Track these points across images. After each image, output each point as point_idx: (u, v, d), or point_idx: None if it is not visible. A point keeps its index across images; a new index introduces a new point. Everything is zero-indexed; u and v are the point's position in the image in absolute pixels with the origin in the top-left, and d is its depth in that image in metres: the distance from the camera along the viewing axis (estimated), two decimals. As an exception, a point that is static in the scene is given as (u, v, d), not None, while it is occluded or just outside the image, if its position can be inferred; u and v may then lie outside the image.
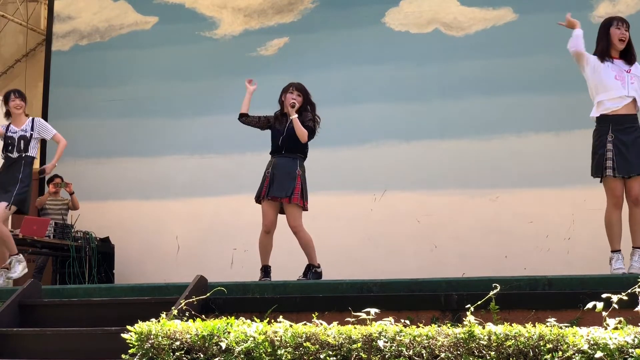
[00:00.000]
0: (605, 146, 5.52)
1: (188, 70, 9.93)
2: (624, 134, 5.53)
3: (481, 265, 7.82)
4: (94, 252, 9.20)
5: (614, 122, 5.56)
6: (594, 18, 8.64)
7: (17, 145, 6.99)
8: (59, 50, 10.64)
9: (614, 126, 5.54)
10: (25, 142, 7.00)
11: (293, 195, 6.31)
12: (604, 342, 3.26)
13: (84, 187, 9.69)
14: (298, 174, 6.39)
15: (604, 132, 5.56)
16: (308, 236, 6.38)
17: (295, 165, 6.42)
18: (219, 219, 9.35)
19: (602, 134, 5.57)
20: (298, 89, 6.54)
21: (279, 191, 6.34)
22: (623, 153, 5.49)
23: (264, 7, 9.91)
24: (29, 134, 7.03)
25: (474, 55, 8.97)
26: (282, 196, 6.34)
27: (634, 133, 5.56)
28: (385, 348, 3.52)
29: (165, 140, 9.83)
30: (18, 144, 6.99)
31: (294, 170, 6.39)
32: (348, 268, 7.92)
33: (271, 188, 6.37)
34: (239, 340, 3.71)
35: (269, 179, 6.41)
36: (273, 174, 6.41)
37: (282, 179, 6.37)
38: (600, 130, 5.60)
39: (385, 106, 9.13)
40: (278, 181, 6.37)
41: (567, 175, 8.27)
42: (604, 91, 5.62)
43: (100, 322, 5.00)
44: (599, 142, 5.59)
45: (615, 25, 5.76)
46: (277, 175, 6.40)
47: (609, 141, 5.52)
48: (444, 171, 8.84)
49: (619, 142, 5.51)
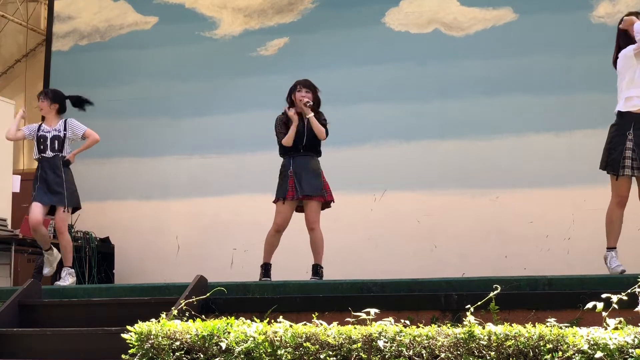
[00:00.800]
0: (625, 144, 5.40)
1: (188, 70, 9.93)
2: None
3: (481, 265, 7.83)
4: (94, 252, 9.21)
5: (637, 120, 5.44)
6: (594, 18, 8.65)
7: (50, 145, 6.97)
8: (59, 50, 10.64)
9: (636, 124, 5.42)
10: (60, 143, 6.98)
11: (327, 193, 6.37)
12: (604, 342, 3.26)
13: (84, 187, 9.62)
14: (322, 172, 6.44)
15: (625, 129, 5.43)
16: (322, 235, 6.38)
17: (318, 163, 6.46)
18: (219, 219, 9.35)
19: (623, 130, 5.44)
20: (306, 86, 6.51)
21: (311, 190, 6.33)
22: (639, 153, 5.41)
23: (264, 7, 9.91)
24: (63, 134, 7.01)
25: (474, 55, 8.97)
26: (316, 194, 6.33)
27: None
28: (385, 348, 3.52)
29: (165, 140, 9.83)
30: (52, 143, 6.97)
31: (318, 167, 6.43)
32: (348, 268, 7.92)
33: (299, 187, 6.32)
34: (239, 341, 3.71)
35: (293, 179, 6.36)
36: (297, 173, 6.36)
37: (309, 177, 6.36)
38: (622, 126, 5.47)
39: (385, 106, 9.13)
40: (306, 180, 6.34)
41: (567, 175, 8.27)
42: (636, 87, 5.45)
43: (100, 322, 5.00)
44: (618, 138, 5.46)
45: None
46: (302, 174, 6.36)
47: (629, 139, 5.40)
48: (444, 171, 8.84)
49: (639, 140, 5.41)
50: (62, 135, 6.98)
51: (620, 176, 5.43)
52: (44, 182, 6.87)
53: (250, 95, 9.39)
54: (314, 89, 6.53)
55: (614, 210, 5.53)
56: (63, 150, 6.97)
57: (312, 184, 6.34)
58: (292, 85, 6.56)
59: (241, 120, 9.41)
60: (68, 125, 7.06)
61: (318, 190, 6.34)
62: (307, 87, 6.50)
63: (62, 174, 6.91)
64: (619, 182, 5.46)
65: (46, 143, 6.93)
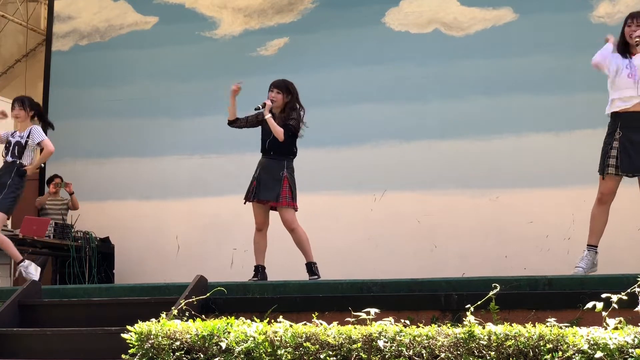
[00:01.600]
0: (611, 144, 5.50)
1: (188, 70, 9.93)
2: (633, 132, 5.51)
3: (481, 265, 7.83)
4: (94, 252, 9.20)
5: (623, 119, 5.52)
6: (594, 18, 8.65)
7: (11, 150, 7.00)
8: (59, 50, 10.64)
9: (623, 124, 5.52)
10: (20, 149, 7.01)
11: (281, 200, 6.35)
12: (604, 342, 3.26)
13: (84, 187, 9.69)
14: (284, 177, 6.39)
15: (612, 130, 5.54)
16: (303, 233, 6.40)
17: (282, 167, 6.41)
18: (219, 219, 9.35)
19: (611, 132, 5.55)
20: (277, 87, 6.52)
21: (267, 194, 6.38)
22: (629, 151, 5.47)
23: (264, 7, 9.91)
24: (24, 141, 7.04)
25: (474, 55, 8.97)
26: (271, 199, 6.38)
27: None
28: (385, 348, 3.52)
29: (165, 140, 9.83)
30: (13, 149, 7.01)
31: (280, 173, 6.39)
32: (348, 268, 7.93)
33: (258, 190, 6.40)
34: (239, 340, 3.71)
35: (256, 181, 6.44)
36: (260, 176, 6.44)
37: (269, 182, 6.39)
38: (610, 127, 5.58)
39: (385, 106, 9.13)
40: (264, 184, 6.40)
41: (567, 175, 8.27)
42: (617, 90, 5.59)
43: (100, 322, 5.00)
44: (607, 139, 5.57)
45: (627, 22, 5.70)
46: (264, 178, 6.42)
47: (615, 139, 5.50)
48: (444, 171, 8.83)
49: (626, 140, 5.49)
50: (23, 142, 7.01)
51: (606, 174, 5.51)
52: None
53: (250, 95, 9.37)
54: (285, 88, 6.51)
55: (594, 206, 5.61)
56: (22, 156, 6.98)
57: (269, 189, 6.37)
58: None
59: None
60: (31, 132, 7.07)
61: (275, 197, 6.35)
62: (277, 88, 6.52)
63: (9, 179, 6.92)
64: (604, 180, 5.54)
65: (9, 148, 6.99)
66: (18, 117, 7.17)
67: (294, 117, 6.45)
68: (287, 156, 6.48)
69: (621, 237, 7.49)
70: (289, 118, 6.44)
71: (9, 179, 6.93)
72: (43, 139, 7.09)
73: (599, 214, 5.59)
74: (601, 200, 5.58)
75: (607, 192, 5.54)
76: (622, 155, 5.47)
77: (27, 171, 7.02)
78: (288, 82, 6.55)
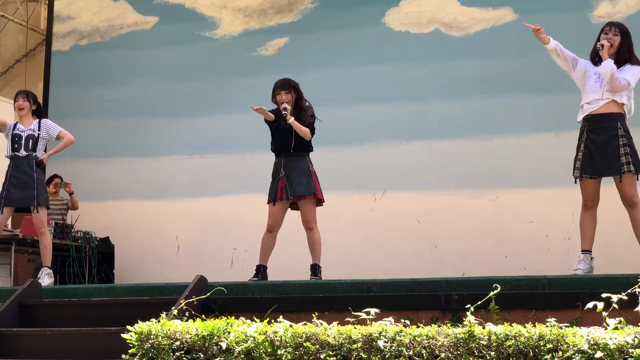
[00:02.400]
0: (580, 147, 5.63)
1: (188, 70, 9.92)
2: (596, 133, 5.56)
3: (481, 265, 7.82)
4: (94, 252, 9.21)
5: (589, 122, 5.63)
6: (594, 18, 8.64)
7: (25, 144, 6.99)
8: (59, 50, 10.64)
9: (588, 126, 5.62)
10: (34, 142, 7.00)
11: (316, 192, 6.40)
12: (604, 342, 3.26)
13: (84, 187, 9.69)
14: (312, 172, 6.47)
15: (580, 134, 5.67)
16: (319, 235, 6.43)
17: (307, 162, 6.49)
18: (219, 219, 9.35)
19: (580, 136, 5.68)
20: (283, 88, 6.51)
21: (300, 189, 6.37)
22: (592, 153, 5.53)
23: (264, 7, 9.91)
24: (37, 134, 7.03)
25: (474, 55, 8.96)
26: (306, 193, 6.37)
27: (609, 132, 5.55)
28: (385, 348, 3.52)
29: (165, 140, 9.83)
30: (26, 143, 6.99)
31: (308, 167, 6.46)
32: (348, 268, 7.92)
33: (290, 188, 6.36)
34: (239, 340, 3.71)
35: (283, 180, 6.40)
36: (287, 174, 6.41)
37: (299, 177, 6.39)
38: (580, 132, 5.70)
39: (385, 106, 9.13)
40: (296, 180, 6.38)
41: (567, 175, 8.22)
42: (585, 94, 5.72)
43: (100, 322, 5.00)
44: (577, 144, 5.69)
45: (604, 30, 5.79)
46: (292, 175, 6.40)
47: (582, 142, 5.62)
48: (444, 171, 8.83)
49: (590, 142, 5.55)
50: (36, 135, 7.01)
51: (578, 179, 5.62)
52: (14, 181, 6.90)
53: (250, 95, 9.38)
54: (289, 87, 6.50)
55: (581, 213, 5.68)
56: (36, 150, 6.99)
57: (303, 183, 6.39)
58: (273, 87, 6.57)
59: (241, 120, 9.39)
60: (42, 125, 7.09)
61: (309, 190, 6.38)
62: (284, 89, 6.50)
63: (34, 173, 6.92)
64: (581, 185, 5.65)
65: (20, 142, 6.95)
66: (22, 109, 7.14)
67: (310, 114, 6.51)
68: (309, 152, 6.58)
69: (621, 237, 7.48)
70: (307, 117, 6.47)
71: (33, 173, 6.93)
72: (62, 130, 7.15)
73: (586, 219, 5.64)
74: (586, 206, 5.64)
75: (589, 198, 5.61)
76: (584, 158, 5.55)
77: (43, 161, 7.08)
78: (291, 81, 6.56)
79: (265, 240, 6.45)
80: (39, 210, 6.91)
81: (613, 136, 5.52)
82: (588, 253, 5.61)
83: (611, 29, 5.71)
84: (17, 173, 6.92)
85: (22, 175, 6.91)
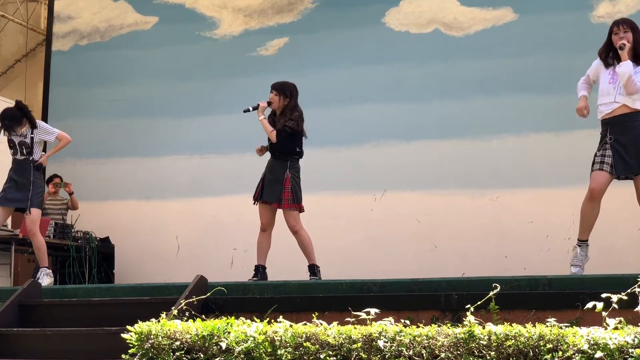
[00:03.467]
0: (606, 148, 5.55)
1: (188, 70, 9.93)
2: (619, 134, 5.53)
3: (481, 265, 7.82)
4: (94, 252, 9.21)
5: (609, 125, 5.58)
6: (594, 18, 8.65)
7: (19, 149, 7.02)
8: (59, 50, 10.64)
9: (611, 128, 5.57)
10: (27, 148, 7.03)
11: (283, 202, 6.37)
12: (604, 342, 3.26)
13: (84, 187, 9.69)
14: (286, 178, 6.40)
15: (604, 135, 5.60)
16: (307, 236, 6.41)
17: (284, 168, 6.42)
18: (219, 219, 9.35)
19: (603, 137, 5.61)
20: (274, 87, 6.56)
21: (269, 196, 6.41)
22: (622, 155, 5.49)
23: (264, 7, 9.91)
24: (29, 139, 7.05)
25: (474, 55, 8.97)
26: (273, 201, 6.41)
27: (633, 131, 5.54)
28: (385, 348, 3.52)
29: (165, 140, 9.83)
30: (20, 148, 7.02)
31: (282, 174, 6.40)
32: (348, 268, 7.93)
33: (263, 191, 6.44)
34: (239, 340, 3.71)
35: (262, 182, 6.50)
36: (265, 177, 6.50)
37: (272, 183, 6.43)
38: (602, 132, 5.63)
39: (385, 106, 9.13)
40: (268, 185, 6.44)
41: (567, 175, 8.26)
42: (600, 96, 5.66)
43: (100, 322, 5.00)
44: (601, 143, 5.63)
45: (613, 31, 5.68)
46: (269, 178, 6.47)
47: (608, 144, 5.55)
48: (444, 171, 8.83)
49: (618, 144, 5.52)
50: (29, 140, 7.02)
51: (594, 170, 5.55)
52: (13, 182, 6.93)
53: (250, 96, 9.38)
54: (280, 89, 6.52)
55: (585, 202, 5.61)
56: (32, 154, 7.00)
57: (272, 190, 6.41)
58: None
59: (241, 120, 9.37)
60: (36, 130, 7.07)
61: (276, 198, 6.38)
62: (274, 88, 6.57)
63: (31, 176, 6.95)
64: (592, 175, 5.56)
65: (15, 147, 7.01)
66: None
67: (292, 118, 6.45)
68: (291, 156, 6.48)
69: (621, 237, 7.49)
70: (286, 120, 6.45)
71: (30, 175, 6.97)
72: (58, 132, 7.18)
73: (590, 209, 5.59)
74: (592, 196, 5.58)
75: (597, 188, 5.54)
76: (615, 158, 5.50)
77: (42, 163, 7.09)
78: (286, 84, 6.55)
79: (260, 240, 6.50)
80: (31, 212, 6.92)
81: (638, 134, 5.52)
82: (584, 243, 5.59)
83: (620, 28, 5.66)
84: (15, 175, 6.99)
85: (19, 177, 6.97)
